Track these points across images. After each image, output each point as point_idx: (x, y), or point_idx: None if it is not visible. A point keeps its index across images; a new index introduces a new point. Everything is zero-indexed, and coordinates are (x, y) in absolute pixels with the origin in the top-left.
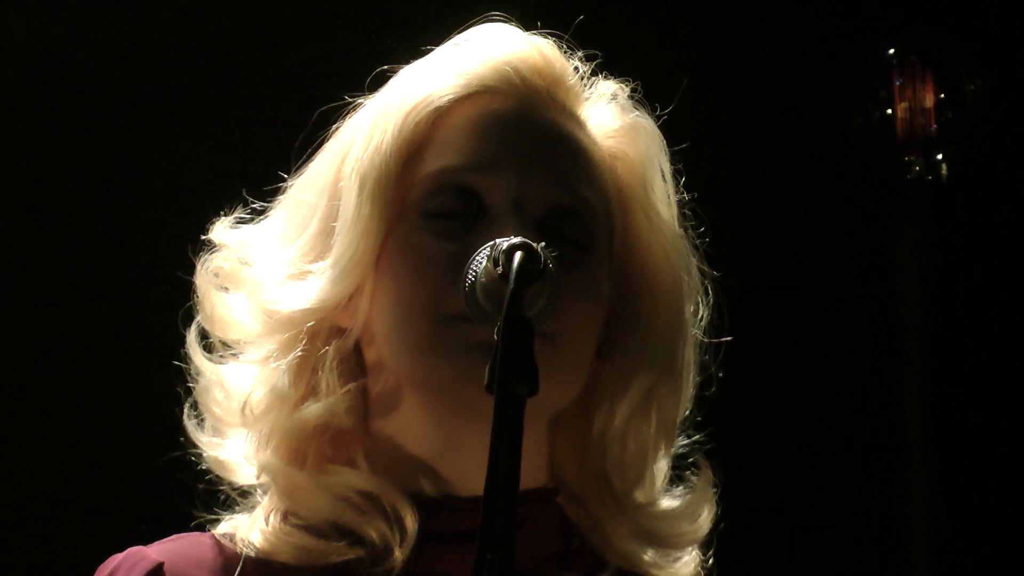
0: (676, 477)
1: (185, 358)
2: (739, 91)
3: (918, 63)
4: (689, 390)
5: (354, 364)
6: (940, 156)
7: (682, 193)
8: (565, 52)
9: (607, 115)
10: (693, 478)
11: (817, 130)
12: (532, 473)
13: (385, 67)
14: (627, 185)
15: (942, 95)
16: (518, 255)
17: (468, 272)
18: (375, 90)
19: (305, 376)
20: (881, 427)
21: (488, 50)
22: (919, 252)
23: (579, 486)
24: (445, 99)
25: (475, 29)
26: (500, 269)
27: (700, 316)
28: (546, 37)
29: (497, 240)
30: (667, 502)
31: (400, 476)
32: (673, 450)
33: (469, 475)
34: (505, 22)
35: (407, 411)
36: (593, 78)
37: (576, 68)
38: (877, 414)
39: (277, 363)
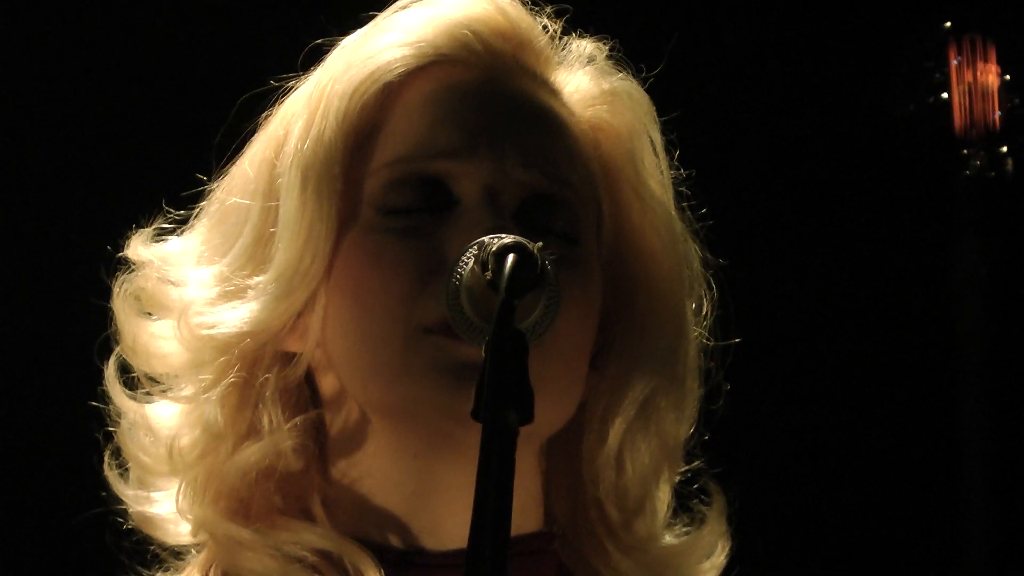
0: (682, 507)
1: (104, 397)
2: (770, 69)
3: (979, 38)
4: (694, 402)
5: (306, 396)
6: (1004, 149)
7: (678, 168)
8: (531, 8)
9: (585, 81)
10: (703, 508)
11: (861, 117)
12: (524, 515)
13: (319, 41)
14: (613, 161)
15: (1007, 76)
16: (511, 258)
17: (452, 276)
18: (308, 70)
19: (245, 412)
20: (936, 449)
21: (441, 12)
22: (978, 261)
23: (572, 523)
24: (395, 73)
25: None
26: (489, 274)
27: (704, 313)
28: None
29: (485, 239)
30: (673, 538)
31: (365, 528)
32: (679, 474)
33: (448, 523)
34: None
35: (375, 448)
36: (565, 38)
37: (545, 27)
38: (931, 437)
39: (208, 396)
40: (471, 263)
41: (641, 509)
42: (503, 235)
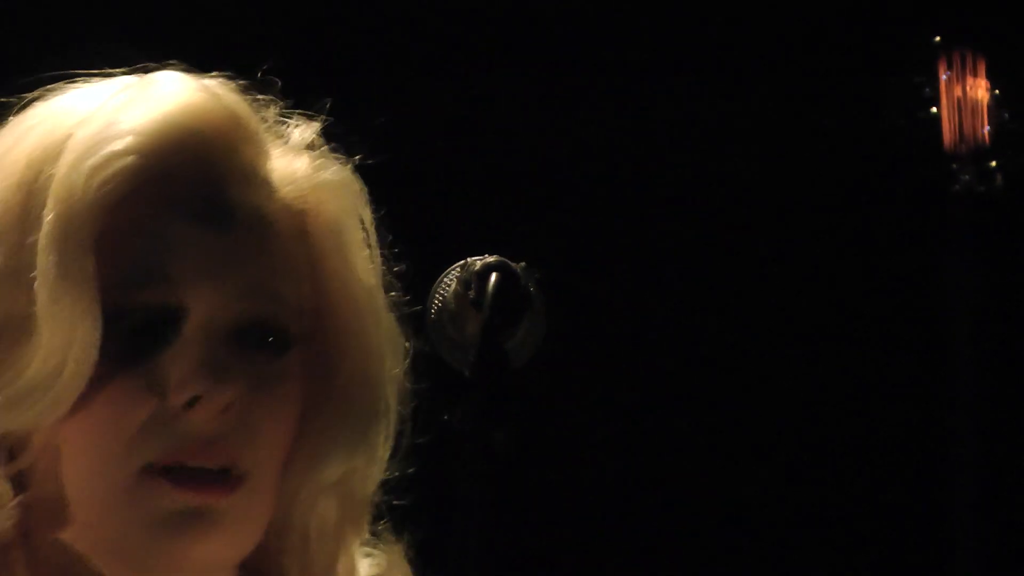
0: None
1: None
2: (759, 84)
3: (968, 53)
4: (382, 464)
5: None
6: (993, 163)
7: (385, 249)
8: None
9: (297, 168)
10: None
11: (850, 131)
12: None
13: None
14: (320, 249)
15: (996, 91)
16: (493, 277)
17: (435, 297)
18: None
19: None
20: (927, 464)
21: (155, 125)
22: (969, 277)
23: None
24: (116, 193)
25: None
26: (472, 293)
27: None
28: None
29: (469, 259)
30: None
31: None
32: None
33: None
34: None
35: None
36: (285, 122)
37: (262, 114)
38: (922, 448)
39: None
40: (455, 283)
41: (330, 570)
42: (487, 255)
